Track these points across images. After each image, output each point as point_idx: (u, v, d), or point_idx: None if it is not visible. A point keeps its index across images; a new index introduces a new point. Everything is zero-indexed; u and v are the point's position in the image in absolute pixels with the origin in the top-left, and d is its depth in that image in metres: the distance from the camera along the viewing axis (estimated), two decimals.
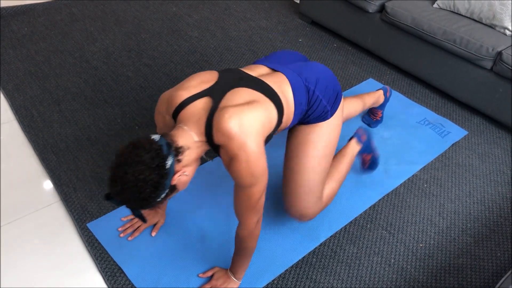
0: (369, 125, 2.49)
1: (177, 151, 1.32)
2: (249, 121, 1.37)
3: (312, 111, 1.67)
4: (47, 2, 3.39)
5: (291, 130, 1.79)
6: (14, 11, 3.23)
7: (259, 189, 1.42)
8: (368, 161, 2.13)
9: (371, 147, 2.09)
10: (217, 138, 1.36)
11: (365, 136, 2.05)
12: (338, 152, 1.99)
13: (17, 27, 3.09)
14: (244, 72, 1.58)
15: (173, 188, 1.34)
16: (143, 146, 1.25)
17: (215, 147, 1.41)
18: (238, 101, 1.42)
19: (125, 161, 1.24)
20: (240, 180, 1.39)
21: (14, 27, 3.09)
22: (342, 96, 1.79)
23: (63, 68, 2.76)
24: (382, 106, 2.43)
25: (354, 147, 2.00)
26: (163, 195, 1.30)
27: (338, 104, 1.74)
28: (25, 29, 3.08)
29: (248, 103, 1.42)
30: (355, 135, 2.04)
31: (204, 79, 1.49)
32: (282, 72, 1.62)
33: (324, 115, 1.70)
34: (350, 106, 2.15)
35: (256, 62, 1.75)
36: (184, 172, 1.35)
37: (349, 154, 1.97)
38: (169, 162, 1.27)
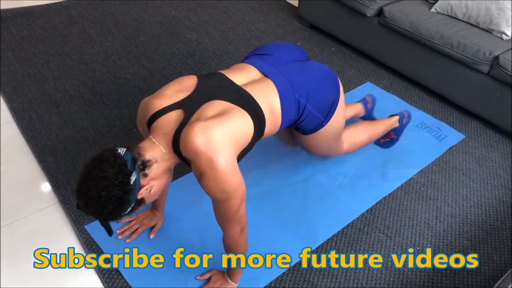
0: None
1: (144, 165, 1.31)
2: (218, 137, 1.32)
3: (305, 123, 1.65)
4: (46, 4, 3.40)
5: (293, 131, 1.81)
6: (13, 14, 3.23)
7: (234, 203, 1.39)
8: (389, 139, 2.33)
9: (401, 131, 2.31)
10: (185, 153, 1.34)
11: (405, 120, 2.29)
12: (380, 120, 2.25)
13: (16, 30, 3.10)
14: (227, 78, 1.53)
15: (140, 201, 1.33)
16: (107, 160, 1.24)
17: (185, 160, 1.39)
18: (210, 114, 1.38)
19: (89, 176, 1.24)
20: (212, 196, 1.37)
21: (13, 30, 3.10)
22: (341, 92, 1.72)
23: (62, 71, 2.76)
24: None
25: (394, 123, 2.24)
26: (129, 209, 1.30)
27: (335, 109, 1.70)
28: (24, 32, 3.09)
29: (220, 116, 1.37)
30: (400, 114, 2.28)
31: (181, 87, 1.45)
32: (272, 80, 1.57)
33: (319, 126, 1.70)
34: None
35: (251, 55, 1.70)
36: (152, 186, 1.35)
37: (387, 125, 2.22)
38: (133, 177, 1.26)
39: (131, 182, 1.26)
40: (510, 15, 2.46)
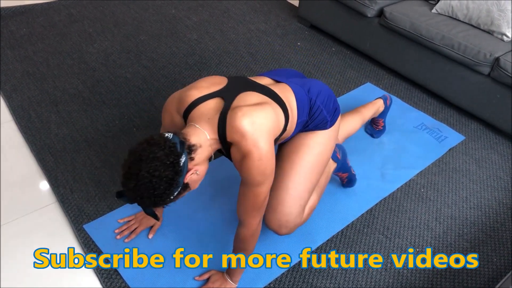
0: (372, 135, 2.46)
1: (190, 149, 1.33)
2: (261, 121, 1.40)
3: (312, 120, 1.68)
4: (46, 2, 3.39)
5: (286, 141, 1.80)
6: (12, 12, 3.23)
7: (266, 188, 1.45)
8: (345, 179, 2.11)
9: (346, 166, 2.05)
10: (230, 136, 1.38)
11: (339, 154, 2.00)
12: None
13: (16, 28, 3.09)
14: (251, 79, 1.61)
15: (186, 187, 1.34)
16: (157, 143, 1.26)
17: (226, 146, 1.43)
18: (250, 102, 1.45)
19: (139, 157, 1.24)
20: (251, 178, 1.40)
21: (13, 28, 3.09)
22: (340, 114, 1.82)
23: (61, 69, 2.75)
24: (382, 114, 2.40)
25: (330, 165, 1.95)
26: (176, 193, 1.30)
27: (337, 118, 1.77)
28: (24, 30, 3.08)
29: (259, 104, 1.45)
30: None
31: (215, 82, 1.51)
32: (285, 83, 1.65)
33: (323, 125, 1.71)
34: (349, 124, 2.15)
35: (259, 75, 1.77)
36: (197, 171, 1.36)
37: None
38: (182, 159, 1.28)
39: (181, 164, 1.27)
40: (511, 16, 2.46)
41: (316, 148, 1.72)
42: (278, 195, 1.67)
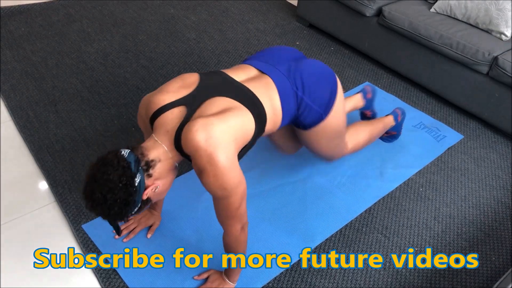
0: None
1: (148, 165, 1.32)
2: (218, 133, 1.32)
3: (304, 117, 1.66)
4: (44, 2, 3.39)
5: (294, 129, 1.80)
6: (11, 11, 3.22)
7: (234, 200, 1.39)
8: (390, 135, 2.36)
9: (400, 127, 2.34)
10: (186, 150, 1.35)
11: (400, 117, 2.30)
12: (377, 119, 2.25)
13: (14, 27, 3.09)
14: (228, 76, 1.55)
15: (147, 201, 1.34)
16: (111, 163, 1.25)
17: (187, 157, 1.39)
18: (212, 111, 1.38)
19: (93, 179, 1.25)
20: (212, 192, 1.37)
21: (11, 27, 3.09)
22: (339, 87, 1.73)
23: (60, 69, 2.75)
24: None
25: (390, 122, 2.25)
26: (135, 210, 1.31)
27: (333, 102, 1.70)
28: (22, 29, 3.08)
29: (222, 113, 1.38)
30: (393, 113, 2.29)
31: (184, 84, 1.47)
32: (270, 76, 1.59)
33: (318, 119, 1.69)
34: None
35: (247, 59, 1.72)
36: (157, 186, 1.35)
37: (384, 124, 2.22)
38: (138, 179, 1.27)
39: (136, 184, 1.27)
40: (509, 15, 2.46)
41: (325, 138, 1.80)
42: (315, 154, 1.93)
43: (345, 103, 2.22)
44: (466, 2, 2.60)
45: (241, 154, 1.47)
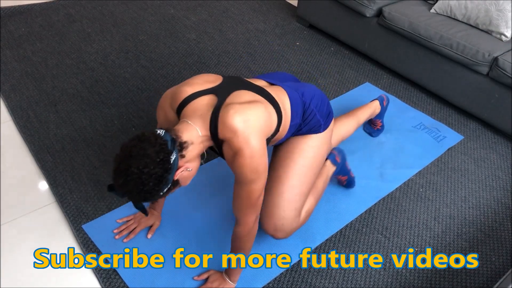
0: (370, 134, 2.47)
1: (181, 146, 1.34)
2: (253, 118, 1.40)
3: (306, 124, 1.70)
4: (44, 2, 3.39)
5: (279, 144, 1.80)
6: (11, 11, 3.22)
7: (259, 186, 1.45)
8: (344, 182, 2.12)
9: (346, 169, 2.06)
10: (222, 133, 1.39)
11: (339, 158, 2.00)
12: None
13: (14, 28, 3.09)
14: (246, 80, 1.62)
15: (176, 183, 1.35)
16: (148, 139, 1.27)
17: (218, 143, 1.43)
18: (243, 99, 1.45)
19: (130, 153, 1.25)
20: (243, 175, 1.41)
21: (11, 28, 3.09)
22: (333, 118, 1.85)
23: (60, 69, 2.75)
24: (380, 115, 2.40)
25: (329, 168, 1.95)
26: (165, 189, 1.31)
27: (330, 122, 1.79)
28: (22, 30, 3.08)
29: (252, 102, 1.45)
30: (330, 156, 1.97)
31: (209, 79, 1.52)
32: (280, 86, 1.67)
33: (317, 128, 1.73)
34: (343, 127, 2.13)
35: (253, 78, 1.78)
36: (188, 168, 1.37)
37: (324, 174, 1.93)
38: (173, 157, 1.29)
39: (171, 161, 1.28)
40: (510, 16, 2.46)
41: (309, 151, 1.73)
42: (273, 199, 1.67)
43: (364, 110, 2.26)
44: (466, 3, 2.60)
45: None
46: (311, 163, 1.74)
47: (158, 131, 1.30)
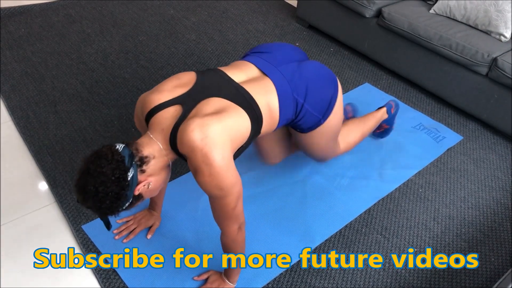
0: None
1: (142, 161, 1.32)
2: (214, 133, 1.32)
3: (302, 121, 1.66)
4: (44, 3, 3.39)
5: (291, 130, 1.80)
6: (11, 12, 3.22)
7: (231, 200, 1.39)
8: (383, 129, 2.35)
9: (393, 120, 2.33)
10: (181, 149, 1.35)
11: (394, 110, 2.29)
12: (369, 114, 2.24)
13: (14, 28, 3.09)
14: (226, 75, 1.53)
15: (138, 197, 1.35)
16: (105, 156, 1.26)
17: (182, 157, 1.40)
18: (208, 111, 1.38)
19: (87, 171, 1.26)
20: (208, 192, 1.37)
21: (11, 28, 3.09)
22: (340, 90, 1.72)
23: (60, 70, 2.76)
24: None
25: (382, 115, 2.24)
26: (126, 204, 1.32)
27: (333, 107, 1.69)
28: (22, 30, 3.08)
29: (218, 113, 1.38)
30: (387, 105, 2.27)
31: (180, 83, 1.46)
32: (270, 78, 1.57)
33: (317, 124, 1.70)
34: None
35: (248, 55, 1.70)
36: (150, 182, 1.36)
37: (377, 118, 2.21)
38: (130, 173, 1.28)
39: (128, 178, 1.27)
40: (509, 17, 2.47)
41: (323, 140, 1.82)
42: (308, 154, 1.94)
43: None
44: (465, 3, 2.61)
45: (237, 155, 1.48)
46: (329, 142, 1.87)
47: (117, 146, 1.29)
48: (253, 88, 1.51)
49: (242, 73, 1.57)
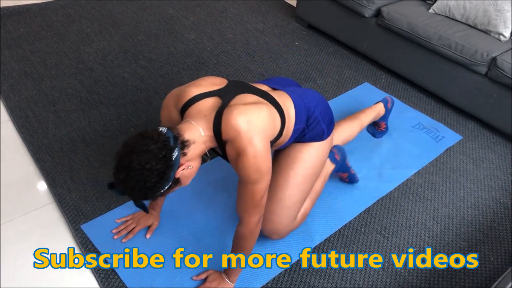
0: (373, 135, 2.46)
1: (183, 145, 1.34)
2: (257, 120, 1.42)
3: (310, 130, 1.71)
4: (43, 2, 3.39)
5: (282, 148, 1.80)
6: (10, 11, 3.22)
7: (263, 186, 1.45)
8: (346, 179, 2.16)
9: (346, 166, 2.08)
10: (226, 133, 1.40)
11: (338, 156, 2.00)
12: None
13: (13, 28, 3.09)
14: (251, 84, 1.63)
15: (177, 181, 1.36)
16: (151, 136, 1.28)
17: (221, 144, 1.43)
18: (247, 101, 1.47)
19: (132, 149, 1.26)
20: (247, 175, 1.42)
21: (10, 28, 3.08)
22: (336, 121, 1.87)
23: (59, 69, 2.75)
24: (384, 117, 2.38)
25: (328, 167, 1.97)
26: (166, 187, 1.32)
27: (332, 129, 1.82)
28: (21, 30, 3.08)
29: (256, 104, 1.47)
30: (329, 154, 1.97)
31: (215, 82, 1.53)
32: (284, 91, 1.68)
33: (320, 136, 1.75)
34: (346, 130, 2.13)
35: (257, 83, 1.78)
36: (189, 166, 1.37)
37: (323, 173, 1.94)
38: (175, 154, 1.29)
39: (173, 158, 1.29)
40: (508, 16, 2.47)
41: (311, 161, 1.76)
42: (270, 205, 1.72)
43: (368, 112, 2.26)
44: (464, 3, 2.61)
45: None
46: (311, 173, 1.78)
47: (161, 129, 1.31)
48: (273, 94, 1.61)
49: (261, 86, 1.67)
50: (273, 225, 1.74)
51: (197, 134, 1.40)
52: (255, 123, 1.41)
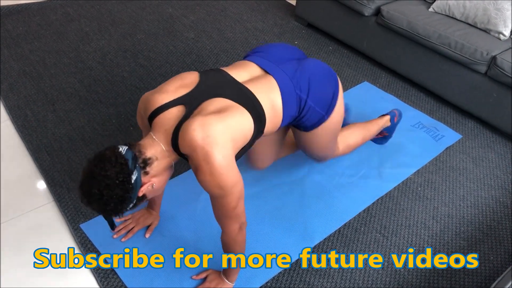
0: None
1: (145, 163, 1.33)
2: (216, 133, 1.32)
3: (306, 118, 1.64)
4: (42, 1, 3.38)
5: (293, 129, 1.79)
6: (9, 10, 3.21)
7: (231, 199, 1.39)
8: (382, 136, 2.34)
9: (393, 129, 2.32)
10: (182, 149, 1.35)
11: (397, 118, 2.29)
12: (372, 120, 2.23)
13: (12, 26, 3.08)
14: (228, 75, 1.53)
15: (142, 198, 1.36)
16: (109, 159, 1.26)
17: (184, 157, 1.40)
18: (210, 110, 1.38)
19: (91, 175, 1.26)
20: (208, 191, 1.37)
21: (9, 26, 3.08)
22: (340, 87, 1.72)
23: (58, 68, 2.75)
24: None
25: (385, 122, 2.24)
26: (130, 206, 1.33)
27: (335, 103, 1.69)
28: (20, 29, 3.07)
29: (220, 113, 1.37)
30: (391, 113, 2.27)
31: (183, 83, 1.46)
32: (273, 76, 1.56)
33: (320, 121, 1.68)
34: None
35: (249, 55, 1.69)
36: (153, 184, 1.37)
37: (379, 125, 2.21)
38: (134, 176, 1.28)
39: (132, 181, 1.28)
40: (508, 15, 2.47)
41: (324, 139, 1.81)
42: (306, 152, 1.92)
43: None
44: (464, 2, 2.60)
45: (239, 155, 1.47)
46: (330, 141, 1.85)
47: (120, 149, 1.30)
48: (256, 87, 1.51)
49: (244, 72, 1.57)
50: (318, 160, 1.99)
51: (158, 149, 1.37)
52: (214, 136, 1.31)
